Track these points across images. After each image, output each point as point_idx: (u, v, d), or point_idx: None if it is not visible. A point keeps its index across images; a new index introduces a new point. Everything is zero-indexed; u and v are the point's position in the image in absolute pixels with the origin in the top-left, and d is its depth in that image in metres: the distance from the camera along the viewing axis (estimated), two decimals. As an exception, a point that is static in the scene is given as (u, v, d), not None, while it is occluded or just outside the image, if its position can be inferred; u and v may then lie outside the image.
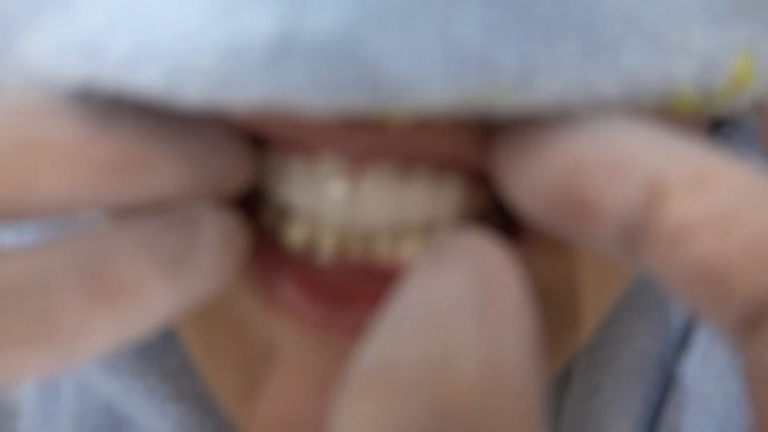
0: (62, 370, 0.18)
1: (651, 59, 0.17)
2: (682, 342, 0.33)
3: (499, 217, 0.24)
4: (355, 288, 0.22)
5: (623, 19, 0.17)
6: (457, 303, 0.16)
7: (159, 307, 0.18)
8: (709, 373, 0.31)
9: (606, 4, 0.17)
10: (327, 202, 0.22)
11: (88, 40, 0.17)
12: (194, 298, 0.20)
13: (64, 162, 0.17)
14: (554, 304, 0.24)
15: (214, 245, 0.20)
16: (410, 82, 0.15)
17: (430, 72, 0.15)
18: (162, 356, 0.30)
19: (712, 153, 0.16)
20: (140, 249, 0.18)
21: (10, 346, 0.16)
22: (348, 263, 0.22)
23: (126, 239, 0.18)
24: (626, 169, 0.15)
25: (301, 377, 0.22)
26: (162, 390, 0.30)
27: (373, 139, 0.19)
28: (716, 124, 0.33)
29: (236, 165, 0.21)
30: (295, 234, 0.23)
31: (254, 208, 0.23)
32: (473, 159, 0.22)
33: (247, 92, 0.16)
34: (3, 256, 0.17)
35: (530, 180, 0.17)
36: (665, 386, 0.32)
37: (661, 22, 0.17)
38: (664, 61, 0.17)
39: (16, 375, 0.17)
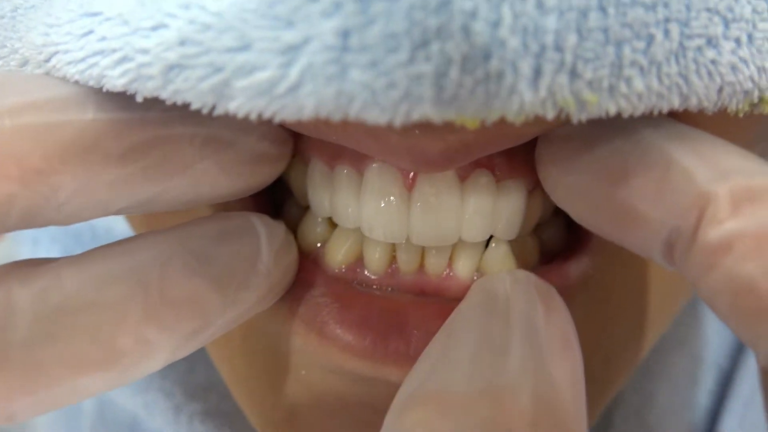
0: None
1: (746, 56, 0.16)
2: (739, 348, 0.31)
3: (559, 228, 0.22)
4: (405, 311, 0.19)
5: (715, 13, 0.15)
6: (513, 336, 0.16)
7: (217, 326, 0.18)
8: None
9: None
10: (378, 216, 0.20)
11: (132, 45, 0.15)
12: (249, 314, 0.19)
13: (82, 147, 0.16)
14: (621, 316, 0.22)
15: (273, 259, 0.19)
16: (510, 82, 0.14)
17: (525, 72, 0.14)
18: (188, 373, 0.28)
19: (759, 163, 0.15)
20: (197, 262, 0.17)
21: (73, 369, 0.16)
22: (397, 283, 0.20)
23: (183, 247, 0.17)
24: (676, 182, 0.15)
25: (346, 413, 0.20)
26: (189, 408, 0.28)
27: (437, 146, 0.17)
28: None
29: (269, 151, 0.19)
30: (338, 249, 0.20)
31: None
32: (530, 168, 0.20)
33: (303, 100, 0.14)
34: (57, 274, 0.16)
35: (582, 186, 0.17)
36: (721, 395, 0.30)
37: (754, 17, 0.16)
38: (759, 58, 0.16)
39: (78, 398, 0.16)
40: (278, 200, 0.23)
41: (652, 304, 0.23)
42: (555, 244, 0.22)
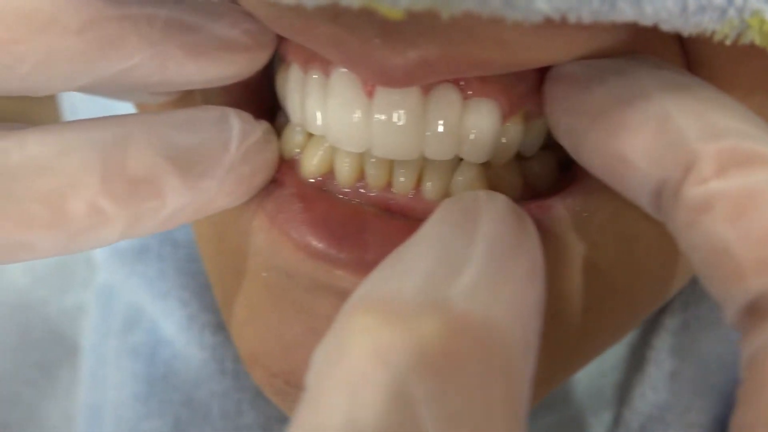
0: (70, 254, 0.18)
1: None
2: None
3: (546, 165, 0.21)
4: (367, 219, 0.20)
5: None
6: (474, 254, 0.16)
7: (173, 209, 0.18)
8: None
9: None
10: (341, 124, 0.19)
11: None
12: (214, 206, 0.19)
13: (41, 22, 0.17)
14: (609, 268, 0.20)
15: (242, 154, 0.19)
16: None
17: None
18: (206, 288, 0.29)
19: (759, 127, 0.15)
20: (160, 144, 0.18)
21: (21, 225, 0.17)
22: (365, 198, 0.20)
23: (148, 129, 0.18)
24: (668, 137, 0.16)
25: (301, 319, 0.20)
26: (201, 318, 0.29)
27: (396, 60, 0.17)
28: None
29: (242, 40, 0.19)
30: (311, 158, 0.21)
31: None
32: (513, 90, 0.19)
33: None
34: (23, 138, 0.17)
35: (580, 128, 0.17)
36: None
37: None
38: None
39: (28, 255, 0.17)
40: (276, 109, 0.23)
41: (648, 266, 0.21)
42: (542, 181, 0.21)
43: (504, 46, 0.17)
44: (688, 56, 0.18)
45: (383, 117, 0.19)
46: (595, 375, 0.29)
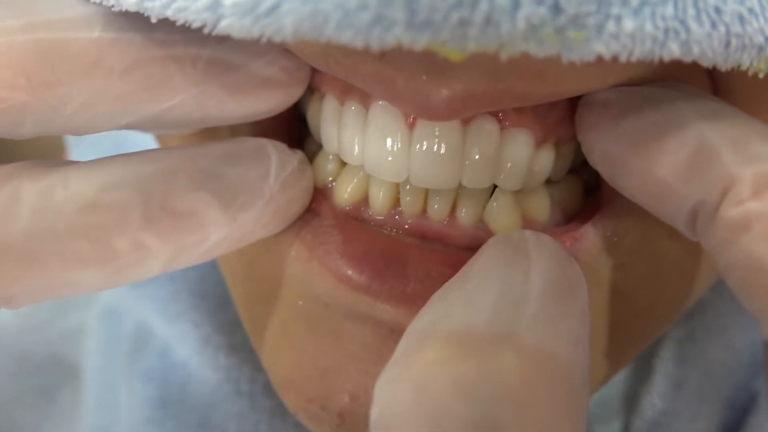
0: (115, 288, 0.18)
1: (755, 7, 0.15)
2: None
3: (573, 189, 0.22)
4: (407, 252, 0.20)
5: None
6: (532, 291, 0.16)
7: (214, 242, 0.18)
8: None
9: None
10: (380, 154, 0.20)
11: None
12: (252, 237, 0.19)
13: (86, 64, 0.17)
14: (645, 278, 0.21)
15: (280, 185, 0.19)
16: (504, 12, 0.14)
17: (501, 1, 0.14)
18: (219, 309, 0.29)
19: None
20: (202, 177, 0.18)
21: (68, 263, 0.17)
22: (400, 225, 0.21)
23: (190, 163, 0.18)
24: (705, 161, 0.16)
25: (338, 347, 0.20)
26: (216, 340, 0.29)
27: (442, 94, 0.17)
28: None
29: (279, 77, 0.19)
30: (345, 187, 0.21)
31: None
32: (546, 119, 0.20)
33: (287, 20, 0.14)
34: (65, 175, 0.17)
35: (617, 153, 0.18)
36: (754, 391, 0.29)
37: None
38: None
39: (73, 291, 0.17)
40: (303, 137, 0.23)
41: (671, 283, 0.22)
42: (569, 204, 0.22)
43: (545, 79, 0.17)
44: (715, 83, 0.19)
45: (424, 148, 0.19)
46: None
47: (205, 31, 0.15)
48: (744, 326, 0.29)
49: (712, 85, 0.19)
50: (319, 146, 0.22)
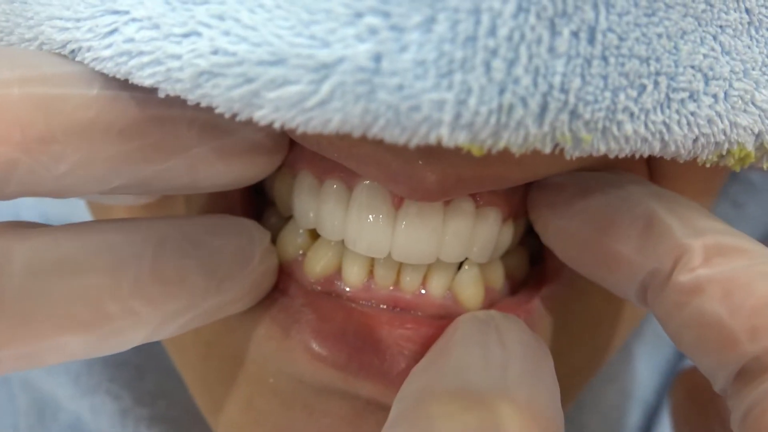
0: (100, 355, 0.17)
1: (721, 111, 0.17)
2: (665, 386, 0.33)
3: (522, 258, 0.24)
4: (381, 328, 0.20)
5: (698, 70, 0.17)
6: (510, 357, 0.18)
7: (198, 312, 0.18)
8: None
9: (682, 53, 0.17)
10: (364, 231, 0.20)
11: (164, 50, 0.15)
12: (225, 312, 0.19)
13: (84, 121, 0.16)
14: (581, 338, 0.23)
15: (261, 257, 0.20)
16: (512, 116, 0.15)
17: (533, 108, 0.15)
18: (138, 379, 0.28)
19: (728, 228, 0.18)
20: (190, 246, 0.18)
21: (59, 327, 0.16)
22: (372, 297, 0.21)
23: (181, 232, 0.18)
24: (657, 234, 0.18)
25: (312, 422, 0.21)
26: (136, 412, 0.28)
27: (434, 177, 0.18)
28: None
29: (266, 142, 0.19)
30: (318, 260, 0.21)
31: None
32: (512, 198, 0.21)
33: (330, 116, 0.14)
34: (54, 236, 0.16)
35: (571, 230, 0.19)
36: (647, 429, 0.32)
37: (731, 76, 0.17)
38: (733, 114, 0.17)
39: (59, 357, 0.17)
40: (257, 210, 0.23)
41: (603, 336, 0.24)
42: (519, 272, 0.24)
43: (522, 166, 0.19)
44: (651, 170, 0.22)
45: (408, 226, 0.20)
46: None
47: (227, 115, 0.15)
48: (632, 373, 0.32)
49: (649, 171, 0.22)
50: (280, 219, 0.23)
